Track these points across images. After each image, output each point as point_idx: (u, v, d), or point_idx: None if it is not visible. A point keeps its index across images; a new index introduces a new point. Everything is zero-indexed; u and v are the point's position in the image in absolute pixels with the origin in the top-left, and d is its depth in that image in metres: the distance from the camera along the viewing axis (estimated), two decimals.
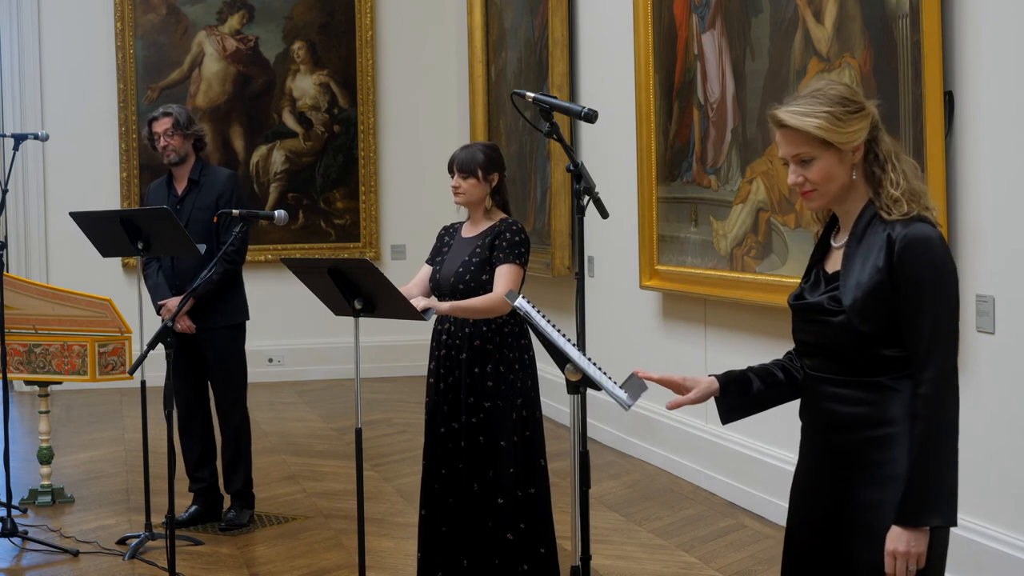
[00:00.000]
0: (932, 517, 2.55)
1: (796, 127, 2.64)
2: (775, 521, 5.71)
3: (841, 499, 2.67)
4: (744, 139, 5.93)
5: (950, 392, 2.58)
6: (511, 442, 4.42)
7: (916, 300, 2.57)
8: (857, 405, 2.64)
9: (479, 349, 4.46)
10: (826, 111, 2.62)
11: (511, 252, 4.44)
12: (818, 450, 2.75)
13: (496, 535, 4.41)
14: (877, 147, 2.67)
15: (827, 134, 2.62)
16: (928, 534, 2.57)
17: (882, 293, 2.59)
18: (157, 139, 5.87)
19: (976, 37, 4.43)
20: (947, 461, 2.56)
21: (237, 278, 5.90)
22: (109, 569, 5.29)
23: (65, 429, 8.34)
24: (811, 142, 2.64)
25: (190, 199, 5.85)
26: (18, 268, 9.82)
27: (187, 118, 5.91)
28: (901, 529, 2.56)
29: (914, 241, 2.57)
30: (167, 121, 5.85)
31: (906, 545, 2.56)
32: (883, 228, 2.62)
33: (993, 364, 4.38)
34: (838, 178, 2.66)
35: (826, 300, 2.67)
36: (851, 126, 2.63)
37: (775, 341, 5.82)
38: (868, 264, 2.61)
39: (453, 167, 4.53)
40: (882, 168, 2.65)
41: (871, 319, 2.60)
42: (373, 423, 8.35)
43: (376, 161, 10.55)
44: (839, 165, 2.65)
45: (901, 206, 2.61)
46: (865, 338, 2.61)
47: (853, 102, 2.65)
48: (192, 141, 5.91)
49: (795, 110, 2.65)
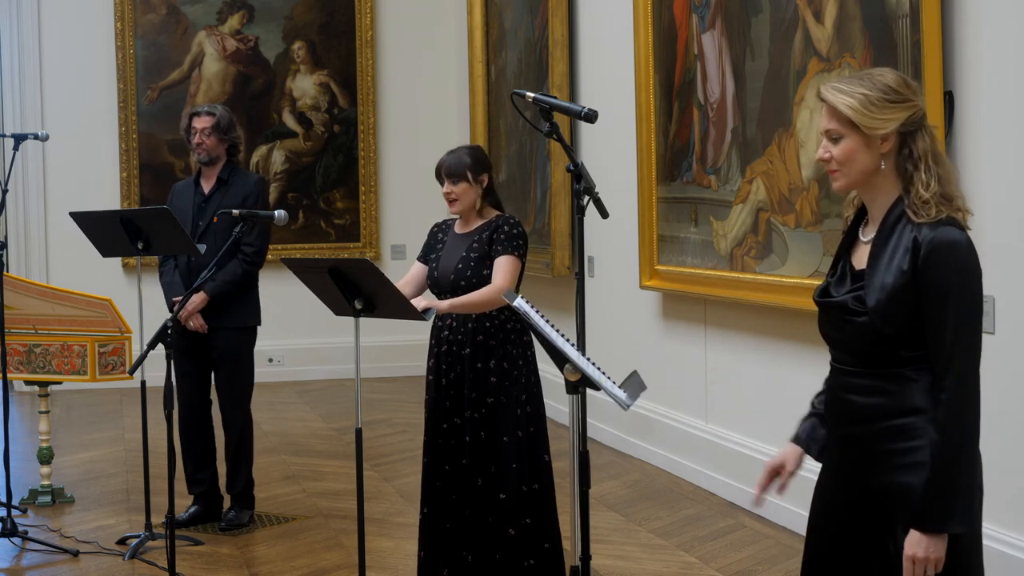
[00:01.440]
0: (952, 524, 2.55)
1: (829, 102, 2.66)
2: (775, 521, 5.71)
3: (863, 489, 2.67)
4: (744, 139, 5.93)
5: (971, 399, 2.57)
6: (515, 437, 4.43)
7: (940, 306, 2.56)
8: (876, 395, 2.65)
9: (482, 344, 4.46)
10: (862, 93, 2.63)
11: (509, 244, 4.45)
12: (840, 443, 2.76)
13: (497, 531, 4.41)
14: (914, 144, 2.65)
15: (854, 114, 2.62)
16: (946, 540, 2.57)
17: (906, 297, 2.58)
18: (194, 134, 5.84)
19: (976, 37, 4.43)
20: (968, 468, 2.56)
21: (254, 283, 5.89)
22: (109, 569, 5.29)
23: (65, 429, 8.34)
24: (841, 120, 2.65)
25: (216, 198, 5.83)
26: (18, 268, 9.82)
27: (228, 122, 5.90)
28: (920, 534, 2.56)
29: (940, 245, 2.56)
30: (209, 120, 5.83)
31: (924, 550, 2.56)
32: (911, 230, 2.60)
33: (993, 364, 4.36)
34: (862, 162, 2.66)
35: (850, 300, 2.66)
36: (883, 113, 2.62)
37: (775, 341, 5.82)
38: (893, 266, 2.60)
39: (442, 174, 4.53)
40: (915, 166, 2.64)
41: (894, 322, 2.60)
42: (373, 423, 8.35)
43: (376, 161, 10.55)
44: (865, 150, 2.65)
45: (930, 209, 2.59)
46: (887, 339, 2.61)
47: (896, 92, 2.64)
48: (227, 145, 5.90)
49: (836, 87, 2.67)
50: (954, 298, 2.55)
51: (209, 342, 5.81)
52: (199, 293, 5.65)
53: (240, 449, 5.90)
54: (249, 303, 5.89)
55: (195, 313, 5.71)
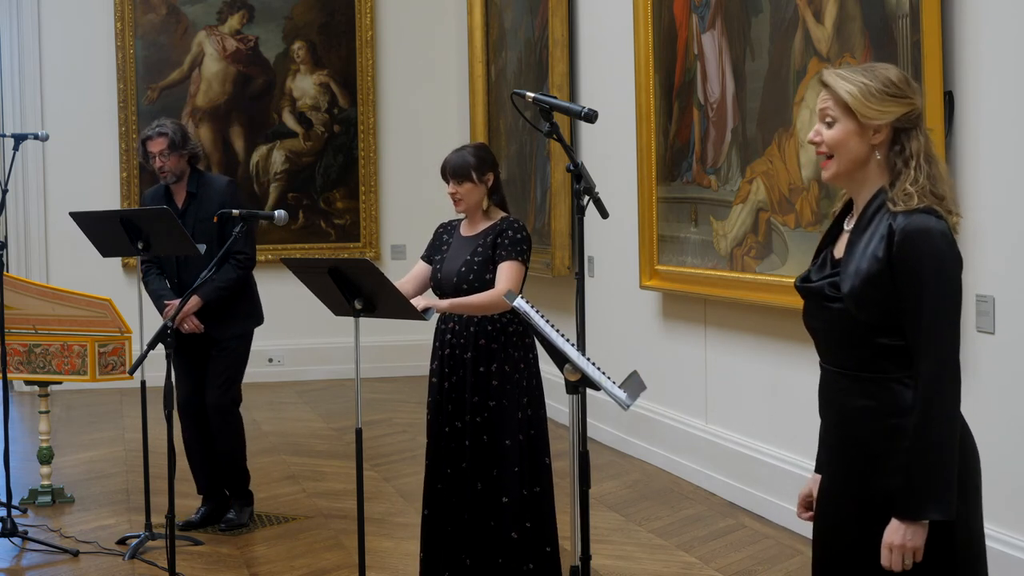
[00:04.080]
0: (929, 511, 2.55)
1: (830, 86, 2.69)
2: (775, 521, 5.71)
3: (860, 491, 2.67)
4: (744, 139, 5.93)
5: (949, 385, 2.57)
6: (516, 441, 4.43)
7: (916, 291, 2.56)
8: (864, 398, 2.65)
9: (484, 348, 4.46)
10: (863, 83, 2.66)
11: (513, 249, 4.44)
12: (835, 445, 2.76)
13: (499, 534, 4.41)
14: (907, 141, 2.66)
15: (852, 100, 2.65)
16: (927, 528, 2.56)
17: (880, 282, 2.59)
18: (152, 159, 5.74)
19: (976, 37, 4.43)
20: (944, 454, 2.55)
21: (250, 285, 5.87)
22: (109, 569, 5.29)
23: (65, 429, 8.34)
24: (838, 104, 2.68)
25: (191, 212, 5.78)
26: (18, 268, 9.82)
27: (182, 136, 5.76)
28: (899, 522, 2.57)
29: (914, 232, 2.57)
30: (162, 142, 5.70)
31: (902, 538, 2.56)
32: (887, 218, 2.62)
33: (993, 364, 4.38)
34: (853, 150, 2.67)
35: (826, 286, 2.68)
36: (880, 105, 2.64)
37: (775, 341, 5.82)
38: (868, 252, 2.62)
39: (447, 174, 4.52)
40: (905, 163, 2.65)
41: (869, 307, 2.61)
42: (373, 423, 8.35)
43: (376, 161, 10.55)
44: (857, 138, 2.67)
45: (911, 200, 2.61)
46: (863, 326, 2.62)
47: (896, 87, 2.66)
48: (187, 158, 5.79)
49: (839, 72, 2.71)
50: (929, 284, 2.56)
51: (208, 346, 5.80)
52: (193, 297, 5.62)
53: (235, 444, 5.88)
54: (252, 308, 5.89)
55: (189, 316, 5.69)
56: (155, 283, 5.86)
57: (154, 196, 5.94)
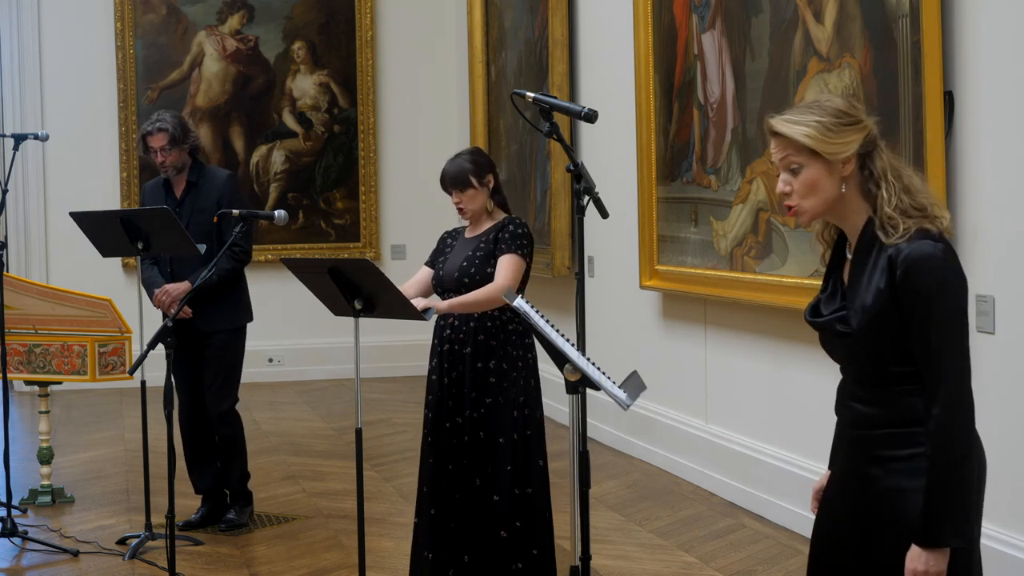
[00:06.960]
0: (950, 538, 2.56)
1: (786, 134, 2.66)
2: (775, 521, 5.71)
3: (866, 493, 2.68)
4: (744, 139, 5.93)
5: (963, 412, 2.57)
6: (510, 440, 4.43)
7: (923, 321, 2.56)
8: (876, 407, 2.66)
9: (483, 344, 4.46)
10: (817, 120, 2.63)
11: (514, 243, 4.45)
12: (847, 445, 2.76)
13: (489, 532, 4.41)
14: (872, 163, 2.66)
15: (814, 143, 2.62)
16: (948, 554, 2.57)
17: (887, 316, 2.59)
18: (154, 154, 5.78)
19: (976, 37, 4.43)
20: (964, 482, 2.56)
21: (241, 280, 5.88)
22: (109, 569, 5.29)
23: (65, 429, 8.34)
24: (800, 151, 2.65)
25: (189, 201, 5.81)
26: (18, 268, 9.82)
27: (182, 130, 5.80)
28: (920, 549, 2.57)
29: (914, 262, 2.56)
30: (163, 137, 5.73)
31: (925, 565, 2.57)
32: (885, 249, 2.60)
33: (993, 364, 4.38)
34: (825, 190, 2.66)
35: (835, 321, 2.68)
36: (841, 137, 2.63)
37: (775, 341, 5.82)
38: (872, 286, 2.61)
39: (447, 185, 4.53)
40: (876, 185, 2.64)
41: (878, 342, 2.61)
42: (373, 423, 8.35)
43: (376, 161, 10.55)
44: (827, 176, 2.65)
45: (897, 225, 2.59)
46: (875, 357, 2.63)
47: (848, 115, 2.65)
48: (188, 150, 5.83)
49: (787, 118, 2.67)
50: (935, 312, 2.55)
51: (201, 344, 5.80)
52: (185, 282, 5.66)
53: (233, 443, 5.88)
54: (239, 303, 5.89)
55: (177, 300, 5.66)
56: (147, 271, 5.86)
57: (154, 186, 5.98)
